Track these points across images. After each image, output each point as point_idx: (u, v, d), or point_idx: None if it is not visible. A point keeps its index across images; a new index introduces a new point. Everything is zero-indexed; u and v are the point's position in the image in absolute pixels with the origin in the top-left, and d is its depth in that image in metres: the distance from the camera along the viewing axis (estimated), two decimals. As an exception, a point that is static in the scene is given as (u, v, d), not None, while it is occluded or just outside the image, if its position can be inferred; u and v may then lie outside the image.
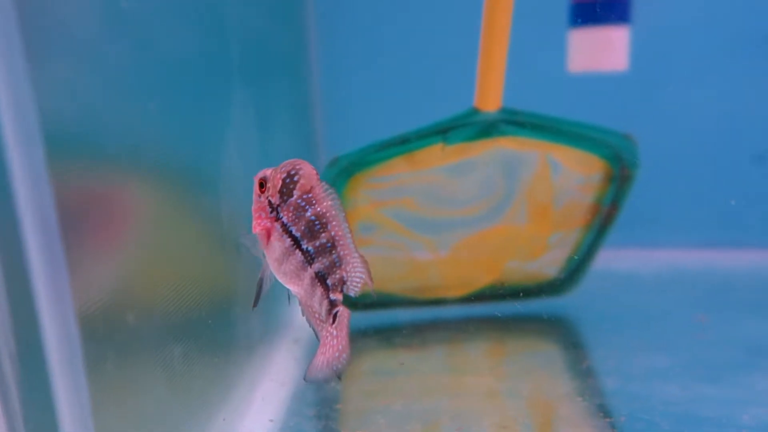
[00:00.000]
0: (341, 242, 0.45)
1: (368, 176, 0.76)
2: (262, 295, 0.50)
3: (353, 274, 0.45)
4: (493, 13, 0.66)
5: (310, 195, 0.45)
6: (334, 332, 0.45)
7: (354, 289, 0.46)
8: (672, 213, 1.16)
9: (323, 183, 0.46)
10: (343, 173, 0.74)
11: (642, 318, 0.89)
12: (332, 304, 0.45)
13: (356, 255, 0.46)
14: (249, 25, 0.73)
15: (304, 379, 0.46)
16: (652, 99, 1.13)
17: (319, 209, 0.45)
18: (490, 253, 0.88)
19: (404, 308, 0.89)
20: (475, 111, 0.73)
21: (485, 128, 0.74)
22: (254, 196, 0.48)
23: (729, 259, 1.09)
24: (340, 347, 0.45)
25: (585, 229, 0.89)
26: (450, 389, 0.69)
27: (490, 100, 0.72)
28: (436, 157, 0.77)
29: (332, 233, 0.45)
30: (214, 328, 0.61)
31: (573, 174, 0.85)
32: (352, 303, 0.87)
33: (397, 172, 0.77)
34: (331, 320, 0.45)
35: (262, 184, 0.47)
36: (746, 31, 1.09)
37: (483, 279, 0.88)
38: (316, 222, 0.45)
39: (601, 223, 0.88)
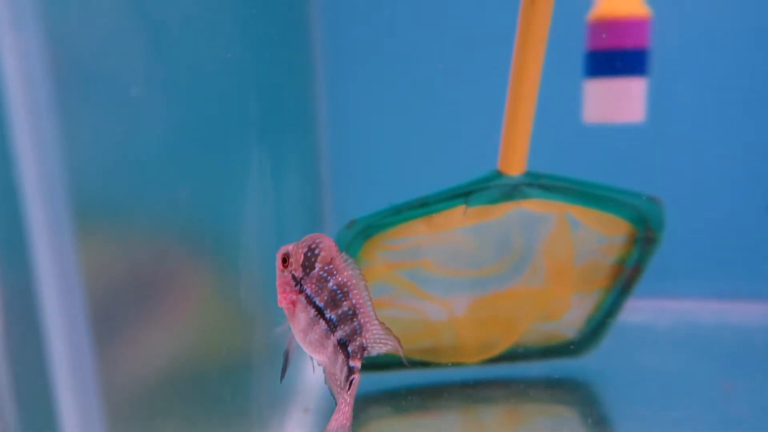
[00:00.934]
0: (362, 310, 0.48)
1: (385, 238, 0.73)
2: (288, 367, 0.52)
3: (373, 341, 0.48)
4: (521, 77, 0.63)
5: (330, 266, 0.47)
6: (348, 399, 0.47)
7: (374, 354, 0.49)
8: (687, 263, 1.13)
9: (343, 254, 0.48)
10: (359, 235, 0.71)
11: (664, 383, 0.85)
12: (351, 371, 0.48)
13: (376, 322, 0.48)
14: (265, 85, 0.71)
15: None
16: (666, 150, 1.12)
17: (340, 279, 0.47)
18: (507, 313, 0.84)
19: (418, 370, 0.86)
20: (498, 174, 0.70)
21: (509, 191, 0.72)
22: (278, 272, 0.49)
23: (745, 311, 1.06)
24: (350, 412, 0.47)
25: (606, 290, 0.86)
26: None
27: (515, 165, 0.69)
28: (457, 219, 0.74)
29: (353, 301, 0.48)
30: (230, 399, 0.58)
31: (594, 233, 0.82)
32: (363, 365, 0.84)
33: (415, 234, 0.74)
34: (347, 387, 0.47)
35: (285, 260, 0.49)
36: (762, 83, 1.08)
37: (500, 341, 0.85)
38: (338, 291, 0.47)
39: (623, 285, 0.85)
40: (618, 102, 0.80)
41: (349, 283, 0.47)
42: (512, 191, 0.72)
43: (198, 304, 0.53)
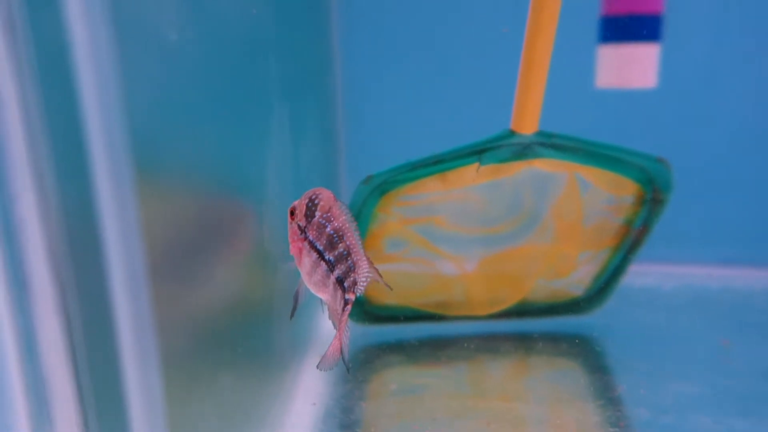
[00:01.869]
0: (354, 250, 0.53)
1: (400, 194, 0.76)
2: (298, 307, 0.58)
3: (361, 276, 0.53)
4: (535, 38, 0.65)
5: (328, 214, 0.53)
6: (340, 324, 0.53)
7: (360, 289, 0.54)
8: (695, 230, 1.15)
9: (339, 202, 0.54)
10: (376, 190, 0.74)
11: (666, 340, 0.88)
12: (346, 302, 0.53)
13: (365, 259, 0.53)
14: (286, 43, 0.73)
15: (318, 367, 0.53)
16: (676, 117, 1.13)
17: (336, 224, 0.53)
18: (517, 270, 0.87)
19: (428, 323, 0.89)
20: (511, 133, 0.72)
21: (521, 150, 0.74)
22: (288, 224, 0.55)
23: (749, 277, 1.09)
24: (343, 335, 0.53)
25: (613, 250, 0.89)
26: (478, 413, 0.69)
27: (527, 124, 0.71)
28: (469, 177, 0.77)
29: (347, 243, 0.53)
30: (256, 343, 0.62)
31: (603, 194, 0.84)
32: (375, 317, 0.88)
33: (429, 191, 0.77)
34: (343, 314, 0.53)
35: (292, 212, 0.55)
36: None
37: (509, 297, 0.88)
38: (335, 235, 0.53)
39: (630, 245, 0.87)
40: (630, 67, 0.81)
41: (343, 227, 0.53)
42: (524, 150, 0.74)
43: (236, 252, 0.56)
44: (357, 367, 0.79)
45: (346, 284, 0.53)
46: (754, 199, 1.13)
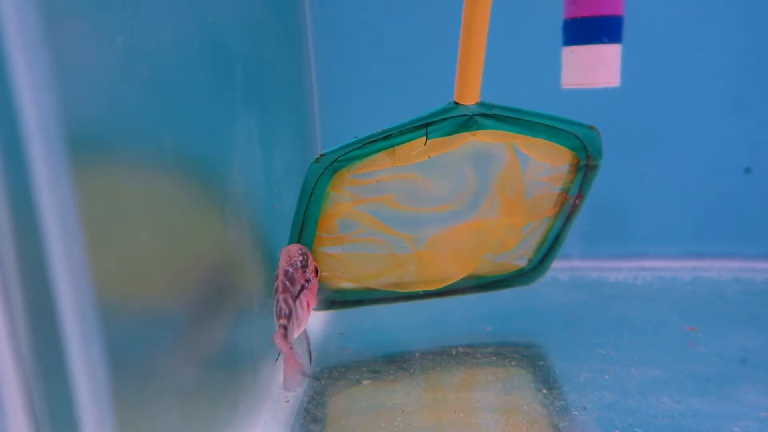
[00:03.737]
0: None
1: (351, 172, 0.76)
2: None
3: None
4: (472, 8, 0.67)
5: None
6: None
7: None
8: (668, 226, 1.23)
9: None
10: (328, 169, 0.74)
11: (635, 330, 0.92)
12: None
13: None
14: (252, 52, 0.72)
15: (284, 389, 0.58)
16: (644, 115, 1.20)
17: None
18: (465, 246, 0.89)
19: (382, 304, 0.90)
20: (455, 105, 0.74)
21: (464, 122, 0.76)
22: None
23: (717, 268, 1.16)
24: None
25: (553, 219, 0.92)
26: (446, 403, 0.68)
27: (469, 94, 0.73)
28: (418, 152, 0.78)
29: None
30: (223, 341, 0.60)
31: (541, 166, 0.87)
32: (331, 302, 0.87)
33: (378, 168, 0.78)
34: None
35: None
36: (738, 50, 1.15)
37: (458, 272, 0.90)
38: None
39: (568, 213, 0.91)
40: (595, 67, 0.84)
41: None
42: (468, 122, 0.76)
43: (199, 251, 0.54)
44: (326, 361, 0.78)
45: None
46: (721, 194, 1.21)
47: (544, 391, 0.72)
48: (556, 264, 1.18)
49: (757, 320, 0.93)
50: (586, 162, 0.86)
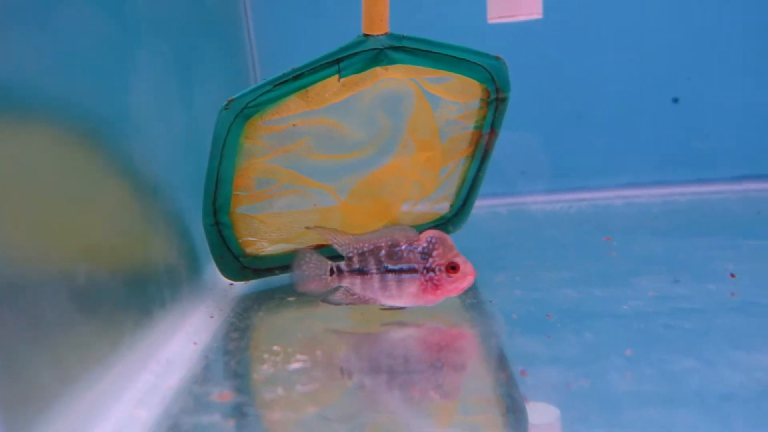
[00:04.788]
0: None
1: (264, 118, 0.71)
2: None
3: None
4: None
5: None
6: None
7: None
8: (600, 158, 1.27)
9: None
10: (239, 117, 0.69)
11: (558, 245, 0.96)
12: None
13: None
14: None
15: None
16: (575, 48, 1.23)
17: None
18: (386, 192, 0.86)
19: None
20: (364, 37, 0.71)
21: (375, 56, 0.73)
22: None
23: (647, 195, 1.22)
24: None
25: (469, 159, 0.92)
26: (370, 308, 0.69)
27: (376, 24, 0.71)
28: (331, 92, 0.74)
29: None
30: (130, 300, 0.53)
31: (452, 104, 0.86)
32: (254, 270, 0.81)
33: (292, 112, 0.73)
34: None
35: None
36: None
37: (381, 221, 0.87)
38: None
39: (484, 151, 0.91)
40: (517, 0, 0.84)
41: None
42: (378, 55, 0.73)
43: (100, 190, 0.48)
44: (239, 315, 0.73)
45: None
46: (650, 125, 1.26)
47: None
48: (497, 200, 1.24)
49: (674, 231, 1.00)
50: (495, 95, 0.85)
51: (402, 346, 0.61)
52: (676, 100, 1.27)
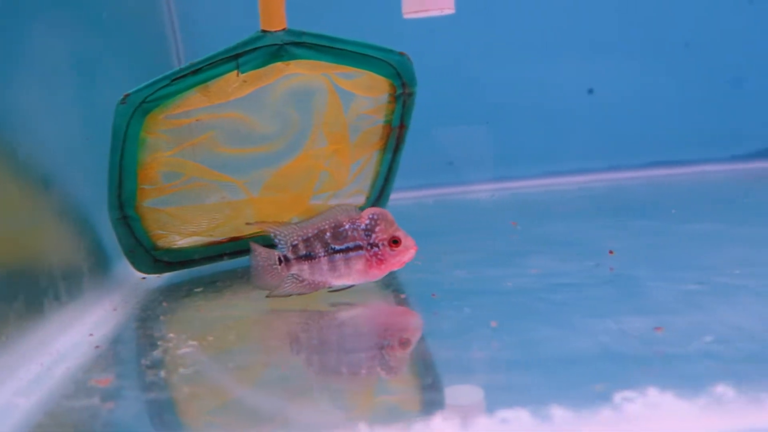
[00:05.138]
0: None
1: (165, 113, 0.73)
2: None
3: None
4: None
5: None
6: None
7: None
8: (520, 148, 1.31)
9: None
10: (138, 111, 0.70)
11: (470, 231, 0.99)
12: None
13: None
14: None
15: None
16: (491, 40, 1.27)
17: None
18: (297, 185, 0.89)
19: (228, 259, 0.88)
20: (262, 33, 0.74)
21: (275, 51, 0.76)
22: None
23: (566, 183, 1.27)
24: None
25: (381, 152, 0.95)
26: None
27: (273, 20, 0.73)
28: (233, 87, 0.76)
29: None
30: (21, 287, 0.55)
31: (362, 99, 0.89)
32: (167, 263, 0.83)
33: (194, 107, 0.75)
34: None
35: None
36: None
37: (292, 213, 0.90)
38: None
39: (395, 145, 0.94)
40: None
41: None
42: (279, 51, 0.76)
43: None
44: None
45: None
46: (567, 115, 1.31)
47: None
48: (425, 192, 1.27)
49: (578, 215, 1.05)
50: (402, 90, 0.88)
51: (286, 330, 0.63)
52: (591, 91, 1.33)
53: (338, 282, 0.69)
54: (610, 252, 0.77)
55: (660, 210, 0.99)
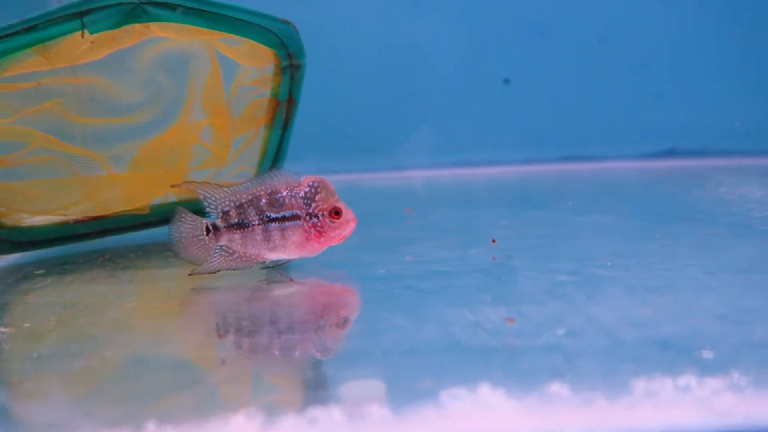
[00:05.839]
0: None
1: (-1, 75, 0.64)
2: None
3: None
4: None
5: None
6: None
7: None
8: (432, 138, 1.26)
9: None
10: (-38, 72, 0.62)
11: (366, 218, 0.92)
12: None
13: None
14: None
15: None
16: (407, 28, 1.24)
17: None
18: (171, 159, 0.81)
19: (92, 239, 0.80)
20: (115, -11, 0.66)
21: (131, 11, 0.68)
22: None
23: (474, 173, 1.25)
24: None
25: (269, 128, 0.88)
26: None
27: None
28: (81, 49, 0.68)
29: None
30: None
31: (249, 69, 0.82)
32: (15, 243, 0.74)
33: (32, 69, 0.67)
34: None
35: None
36: None
37: (164, 190, 0.82)
38: None
39: (284, 120, 0.88)
40: None
41: None
42: (135, 11, 0.68)
43: None
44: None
45: None
46: (482, 105, 1.27)
47: None
48: (338, 177, 1.19)
49: (480, 204, 1.03)
50: (289, 61, 0.82)
51: (120, 319, 0.58)
52: (507, 81, 1.29)
53: (272, 255, 0.63)
54: (493, 241, 0.73)
55: (559, 202, 0.98)
